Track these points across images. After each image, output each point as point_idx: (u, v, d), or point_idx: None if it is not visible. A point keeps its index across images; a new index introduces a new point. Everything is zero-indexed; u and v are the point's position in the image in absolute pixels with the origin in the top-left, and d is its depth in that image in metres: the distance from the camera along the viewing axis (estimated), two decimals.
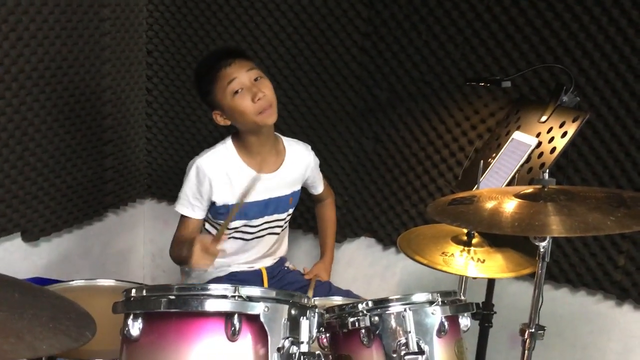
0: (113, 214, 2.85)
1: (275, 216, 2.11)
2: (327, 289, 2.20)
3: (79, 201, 2.60)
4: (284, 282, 2.19)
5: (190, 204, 2.04)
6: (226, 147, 2.04)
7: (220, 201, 2.01)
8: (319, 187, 2.28)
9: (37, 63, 2.30)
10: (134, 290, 1.21)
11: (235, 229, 2.06)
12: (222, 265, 2.11)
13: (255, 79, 1.96)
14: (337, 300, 2.01)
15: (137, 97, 2.80)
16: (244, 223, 2.05)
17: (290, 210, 2.16)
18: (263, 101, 1.92)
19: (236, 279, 2.09)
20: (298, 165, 2.15)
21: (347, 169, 2.57)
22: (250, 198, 2.00)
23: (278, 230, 2.15)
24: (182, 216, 2.07)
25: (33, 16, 2.25)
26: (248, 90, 1.93)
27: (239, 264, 2.13)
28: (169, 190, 2.95)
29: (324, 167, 2.58)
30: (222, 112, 1.98)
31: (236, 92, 1.93)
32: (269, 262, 2.20)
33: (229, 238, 2.06)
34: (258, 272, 2.15)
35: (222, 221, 2.03)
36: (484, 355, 2.11)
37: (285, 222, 2.17)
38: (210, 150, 2.07)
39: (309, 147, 2.21)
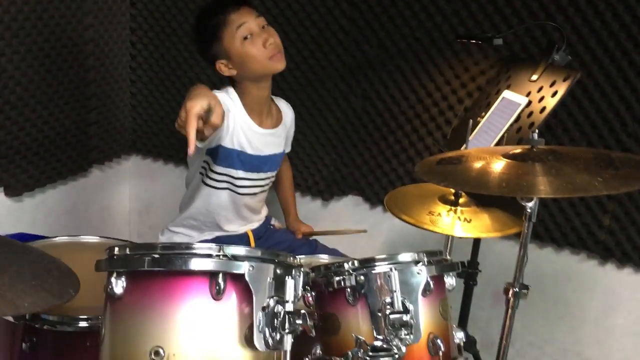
0: (98, 170, 2.82)
1: (269, 173, 2.10)
2: (313, 247, 2.21)
3: (62, 156, 2.57)
4: (270, 242, 2.19)
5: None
6: (230, 97, 1.96)
7: (229, 144, 1.92)
8: (289, 145, 2.25)
9: (16, 13, 2.23)
10: (117, 249, 1.20)
11: (230, 180, 2.01)
12: (210, 228, 2.09)
13: (263, 27, 1.92)
14: (324, 258, 2.01)
15: (120, 51, 2.73)
16: (242, 175, 2.00)
17: (278, 168, 2.15)
18: (274, 46, 1.90)
19: (222, 242, 2.06)
20: (287, 122, 2.15)
21: (335, 126, 2.54)
22: (254, 151, 1.98)
23: (267, 188, 2.14)
24: None
25: None
26: (258, 35, 1.89)
27: (228, 223, 2.09)
28: (154, 147, 2.91)
29: (312, 125, 2.56)
30: (228, 61, 1.91)
31: (245, 37, 1.88)
32: (256, 224, 2.18)
33: (222, 189, 2.02)
34: (244, 236, 2.14)
35: (228, 169, 1.97)
36: (468, 312, 2.14)
37: (273, 180, 2.16)
38: (217, 91, 1.91)
39: (288, 103, 2.21)
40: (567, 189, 1.36)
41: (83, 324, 1.46)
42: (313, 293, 1.43)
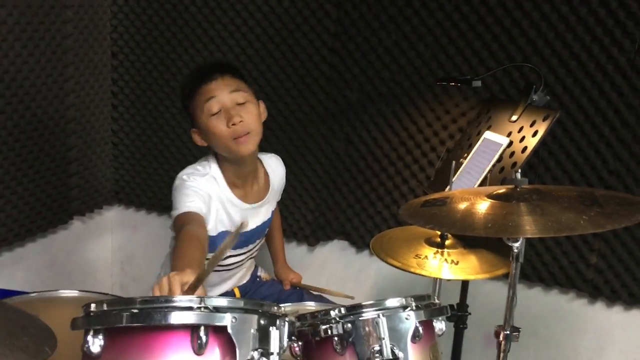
0: (79, 222, 2.77)
1: (257, 242, 2.04)
2: (299, 296, 2.16)
3: (42, 209, 2.52)
4: (257, 296, 2.12)
5: (187, 201, 1.70)
6: (212, 173, 1.83)
7: (214, 230, 1.79)
8: (280, 196, 2.15)
9: None
10: (93, 305, 1.15)
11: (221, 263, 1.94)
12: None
13: (239, 103, 1.76)
14: (310, 306, 1.97)
15: (102, 101, 2.72)
16: (229, 253, 1.92)
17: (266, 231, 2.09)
18: (239, 127, 1.73)
19: None
20: (278, 182, 2.05)
21: (319, 171, 2.54)
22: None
23: (256, 253, 2.09)
24: (177, 218, 1.69)
25: None
26: (226, 112, 1.74)
27: (212, 292, 1.99)
28: (137, 196, 2.88)
29: (295, 170, 2.55)
30: (199, 131, 1.80)
31: (214, 113, 1.74)
32: (244, 280, 2.13)
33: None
34: (231, 294, 2.07)
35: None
36: (459, 356, 2.10)
37: (261, 243, 2.10)
38: (198, 172, 1.81)
39: (279, 157, 2.09)
40: (553, 228, 1.35)
41: None
42: (299, 343, 1.39)
